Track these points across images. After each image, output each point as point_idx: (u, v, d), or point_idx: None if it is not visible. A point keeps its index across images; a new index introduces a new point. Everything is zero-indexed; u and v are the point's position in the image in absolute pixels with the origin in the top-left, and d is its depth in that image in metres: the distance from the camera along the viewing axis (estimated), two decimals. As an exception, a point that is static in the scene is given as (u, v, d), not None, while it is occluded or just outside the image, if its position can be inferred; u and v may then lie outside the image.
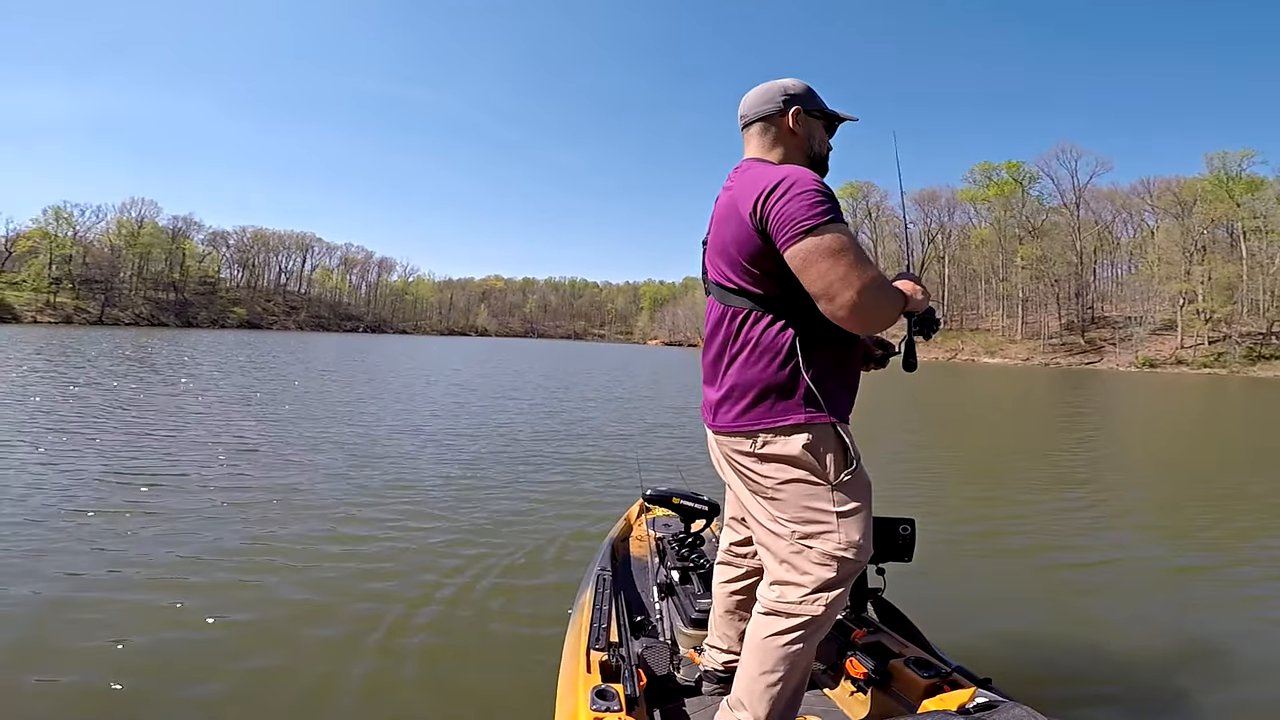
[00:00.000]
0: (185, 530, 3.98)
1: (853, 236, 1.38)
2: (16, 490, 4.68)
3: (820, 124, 1.63)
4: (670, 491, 2.54)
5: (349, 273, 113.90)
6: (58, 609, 2.92)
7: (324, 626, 2.86)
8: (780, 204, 1.38)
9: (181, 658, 2.54)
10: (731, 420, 1.51)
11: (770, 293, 1.47)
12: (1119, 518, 5.28)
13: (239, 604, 3.04)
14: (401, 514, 4.60)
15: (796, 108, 1.58)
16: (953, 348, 69.97)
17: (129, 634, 2.68)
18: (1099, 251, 68.48)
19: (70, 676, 2.39)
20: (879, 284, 1.37)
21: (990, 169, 75.92)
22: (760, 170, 1.49)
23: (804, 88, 1.61)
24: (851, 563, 1.42)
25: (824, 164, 1.64)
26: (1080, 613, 3.29)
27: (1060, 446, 9.49)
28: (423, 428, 8.58)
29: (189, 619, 2.86)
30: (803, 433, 1.44)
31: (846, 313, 1.35)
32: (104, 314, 75.76)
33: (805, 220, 1.35)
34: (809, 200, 1.36)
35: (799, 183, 1.39)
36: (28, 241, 78.19)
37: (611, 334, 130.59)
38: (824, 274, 1.35)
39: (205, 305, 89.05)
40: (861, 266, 1.35)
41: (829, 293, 1.35)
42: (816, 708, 1.64)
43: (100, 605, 2.95)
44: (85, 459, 5.77)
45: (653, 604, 2.22)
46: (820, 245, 1.35)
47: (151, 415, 8.49)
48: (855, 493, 1.46)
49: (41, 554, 3.51)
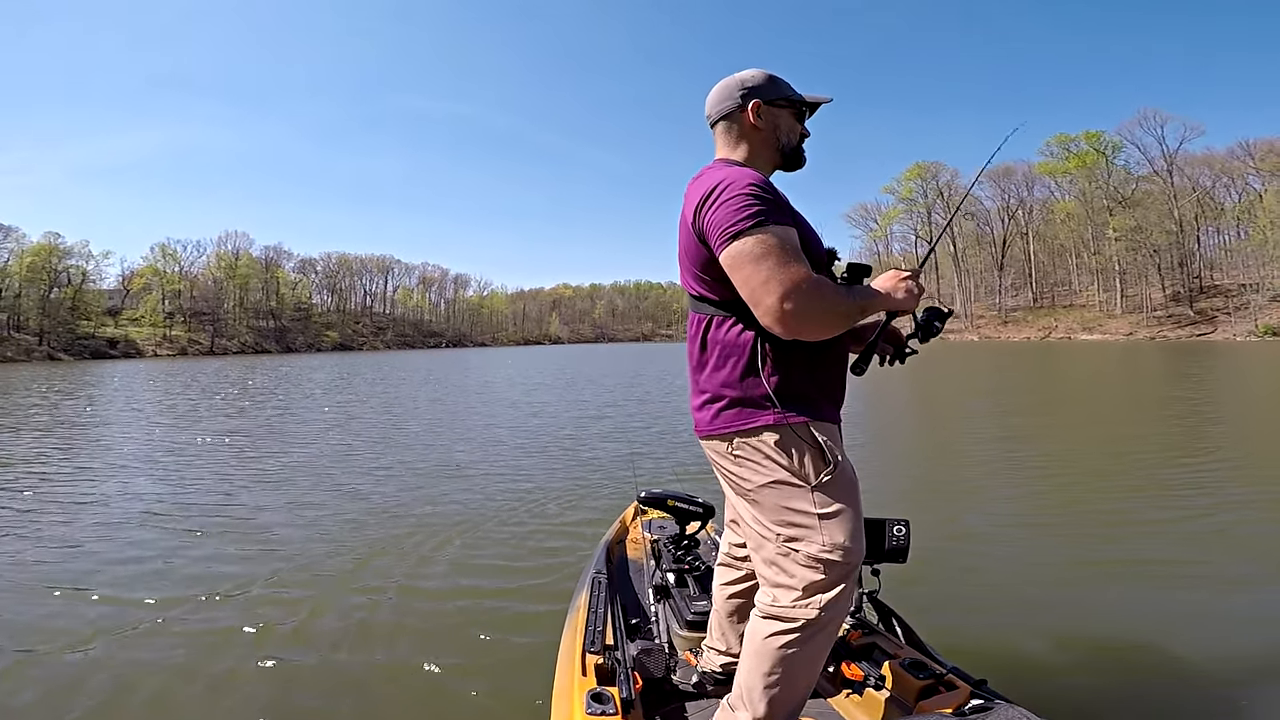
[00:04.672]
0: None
1: (784, 237, 1.33)
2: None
3: (788, 113, 1.56)
4: (665, 493, 2.52)
5: (428, 291, 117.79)
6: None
7: (317, 626, 2.92)
8: (711, 211, 1.37)
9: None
10: (708, 424, 1.49)
11: (726, 297, 1.43)
12: (1133, 524, 4.59)
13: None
14: (394, 514, 4.81)
15: (755, 101, 1.52)
16: (1045, 326, 68.56)
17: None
18: (1201, 218, 65.89)
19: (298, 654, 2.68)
20: (807, 288, 1.29)
21: (1067, 140, 74.04)
22: (706, 176, 1.47)
23: (764, 78, 1.55)
24: (839, 565, 1.36)
25: (797, 154, 1.59)
26: (1078, 613, 3.18)
27: (1120, 429, 8.73)
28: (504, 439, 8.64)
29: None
30: (771, 433, 1.41)
31: (771, 319, 1.30)
32: (214, 344, 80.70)
33: (731, 226, 1.33)
34: (737, 205, 1.33)
35: (731, 186, 1.37)
36: (141, 279, 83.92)
37: (679, 334, 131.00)
38: (747, 280, 1.32)
39: (301, 330, 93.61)
40: (784, 269, 1.28)
41: (753, 299, 1.32)
42: (811, 710, 1.59)
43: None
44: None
45: (648, 606, 2.19)
46: (743, 250, 1.31)
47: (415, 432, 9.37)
48: (838, 493, 1.40)
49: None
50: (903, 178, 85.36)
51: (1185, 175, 67.08)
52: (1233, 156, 64.81)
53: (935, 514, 4.85)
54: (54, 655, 2.72)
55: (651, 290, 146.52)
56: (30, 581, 3.57)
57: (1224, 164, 65.42)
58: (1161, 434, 8.46)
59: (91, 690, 2.45)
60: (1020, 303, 75.79)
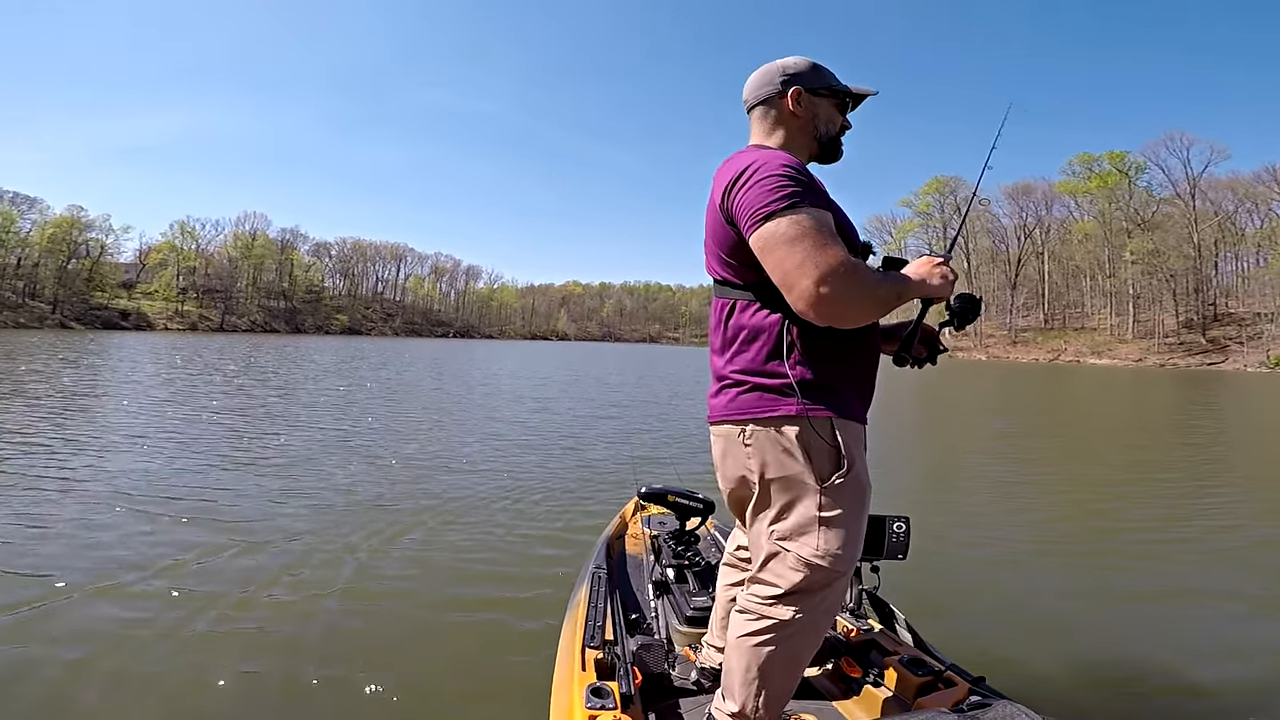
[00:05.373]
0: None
1: (820, 219, 1.26)
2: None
3: (829, 103, 1.51)
4: (665, 489, 2.51)
5: (439, 280, 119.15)
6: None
7: (311, 617, 2.89)
8: (742, 192, 1.31)
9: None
10: (723, 408, 1.43)
11: (753, 281, 1.38)
12: (1131, 526, 4.92)
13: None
14: (391, 505, 4.72)
15: (796, 88, 1.47)
16: (1055, 348, 67.00)
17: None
18: (1220, 244, 64.12)
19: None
20: (845, 271, 1.22)
21: (1090, 159, 72.61)
22: (736, 159, 1.41)
23: (807, 65, 1.50)
24: (824, 571, 1.30)
25: (835, 145, 1.53)
26: (1075, 613, 3.21)
27: (1116, 445, 9.02)
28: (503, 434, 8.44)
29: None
30: (791, 425, 1.33)
31: (806, 304, 1.23)
32: (224, 321, 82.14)
33: (764, 206, 1.26)
34: (770, 185, 1.27)
35: (763, 167, 1.31)
36: (158, 254, 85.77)
37: (686, 337, 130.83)
38: (780, 263, 1.25)
39: (311, 313, 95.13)
40: (821, 252, 1.21)
41: (786, 283, 1.25)
42: (810, 707, 1.61)
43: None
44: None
45: (648, 602, 2.20)
46: (776, 232, 1.25)
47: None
48: (845, 498, 1.33)
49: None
50: (920, 191, 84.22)
51: (1208, 199, 65.28)
52: (1258, 181, 62.93)
53: (936, 513, 4.96)
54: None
55: (660, 292, 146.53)
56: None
57: (1248, 188, 63.54)
58: (1160, 454, 8.78)
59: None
60: (1031, 323, 74.17)
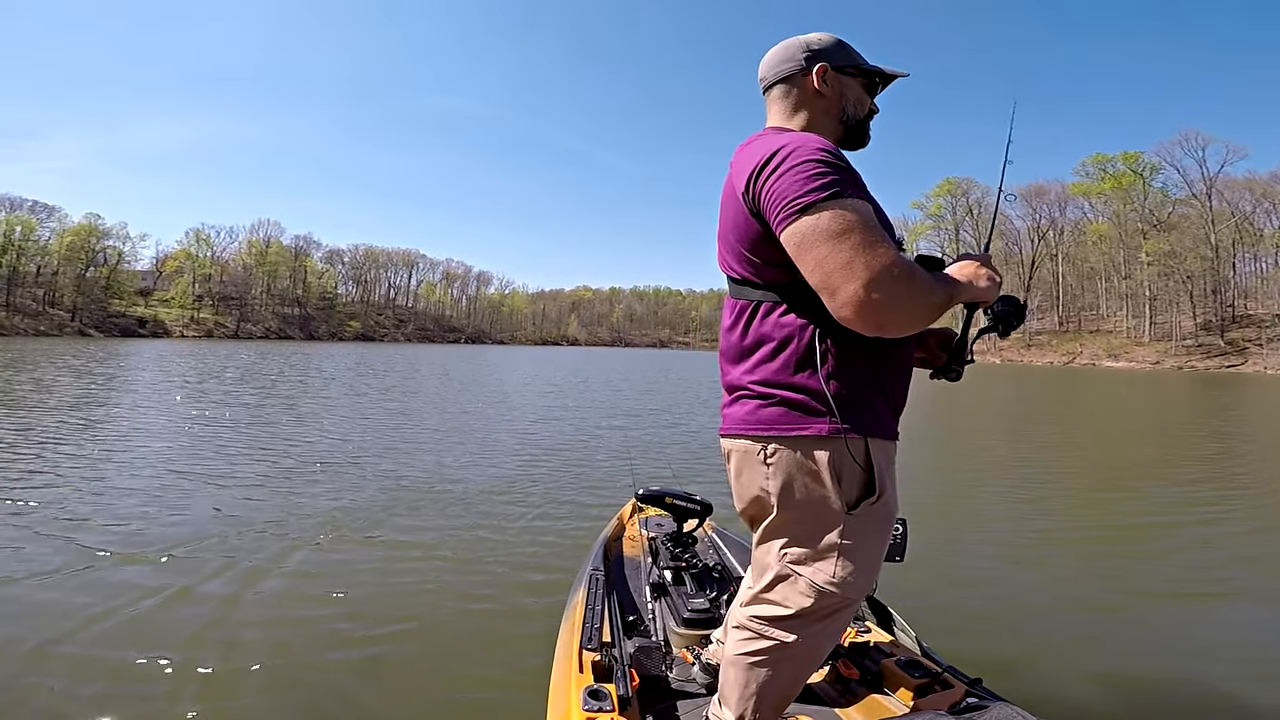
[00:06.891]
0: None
1: (865, 213, 1.12)
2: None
3: (857, 83, 1.38)
4: (663, 491, 2.51)
5: (450, 287, 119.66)
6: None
7: (310, 619, 2.92)
8: (773, 180, 1.15)
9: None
10: (739, 421, 1.30)
11: (780, 280, 1.23)
12: (1128, 527, 4.95)
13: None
14: (389, 506, 4.76)
15: (822, 65, 1.34)
16: (1070, 351, 66.40)
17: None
18: (1239, 245, 63.16)
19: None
20: (897, 273, 1.08)
21: (1104, 160, 71.97)
22: (760, 142, 1.26)
23: (833, 42, 1.37)
24: (834, 597, 1.24)
25: (862, 130, 1.40)
26: (1074, 615, 3.22)
27: (1118, 447, 8.95)
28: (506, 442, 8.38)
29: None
30: (822, 448, 1.21)
31: (851, 311, 1.09)
32: (239, 328, 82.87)
33: (800, 198, 1.11)
34: (806, 172, 1.12)
35: (796, 152, 1.15)
36: (174, 262, 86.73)
37: (696, 341, 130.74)
38: (821, 263, 1.10)
39: (325, 319, 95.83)
40: (870, 251, 1.08)
41: (828, 286, 1.10)
42: (806, 710, 1.59)
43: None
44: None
45: (645, 604, 2.19)
46: (816, 227, 1.10)
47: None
48: (870, 527, 1.25)
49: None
50: (932, 193, 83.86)
51: (1225, 199, 64.42)
52: (1276, 180, 62.14)
53: (936, 515, 4.95)
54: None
55: (670, 297, 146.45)
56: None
57: (1266, 188, 62.72)
58: (1165, 454, 8.70)
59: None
60: (1046, 326, 73.54)
